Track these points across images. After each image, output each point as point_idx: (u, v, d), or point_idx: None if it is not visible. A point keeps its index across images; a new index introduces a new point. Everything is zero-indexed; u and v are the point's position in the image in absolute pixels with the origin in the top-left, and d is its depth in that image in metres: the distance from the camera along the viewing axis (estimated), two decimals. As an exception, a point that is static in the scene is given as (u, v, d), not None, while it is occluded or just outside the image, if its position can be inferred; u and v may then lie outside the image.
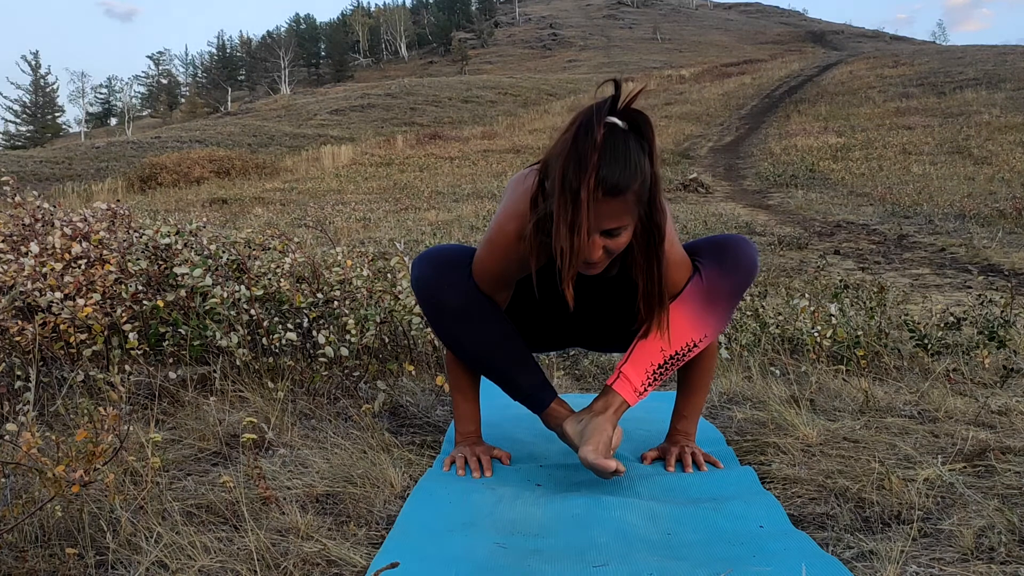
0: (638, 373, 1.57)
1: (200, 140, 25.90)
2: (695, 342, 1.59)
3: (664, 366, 1.58)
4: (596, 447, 1.49)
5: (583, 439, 1.52)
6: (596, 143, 1.28)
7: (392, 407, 2.13)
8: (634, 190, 1.32)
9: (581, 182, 1.28)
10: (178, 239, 2.52)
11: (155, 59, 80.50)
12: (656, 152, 1.36)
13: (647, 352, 1.57)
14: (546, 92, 38.27)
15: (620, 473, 1.47)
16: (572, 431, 1.58)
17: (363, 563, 1.20)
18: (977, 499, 1.37)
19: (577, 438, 1.56)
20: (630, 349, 1.59)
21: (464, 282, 1.60)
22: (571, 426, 1.58)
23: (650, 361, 1.57)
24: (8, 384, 1.87)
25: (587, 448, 1.49)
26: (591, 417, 1.56)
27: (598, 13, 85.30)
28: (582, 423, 1.56)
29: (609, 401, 1.57)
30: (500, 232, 1.53)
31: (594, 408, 1.57)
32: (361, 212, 11.38)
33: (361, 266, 2.80)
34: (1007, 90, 21.85)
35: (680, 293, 1.59)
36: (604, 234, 1.35)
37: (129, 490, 1.36)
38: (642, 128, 1.34)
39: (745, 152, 17.79)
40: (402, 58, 78.65)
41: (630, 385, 1.57)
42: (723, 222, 9.29)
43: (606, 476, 1.49)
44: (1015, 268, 6.25)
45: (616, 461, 1.47)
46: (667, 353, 1.57)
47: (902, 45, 60.31)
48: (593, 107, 1.31)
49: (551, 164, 1.35)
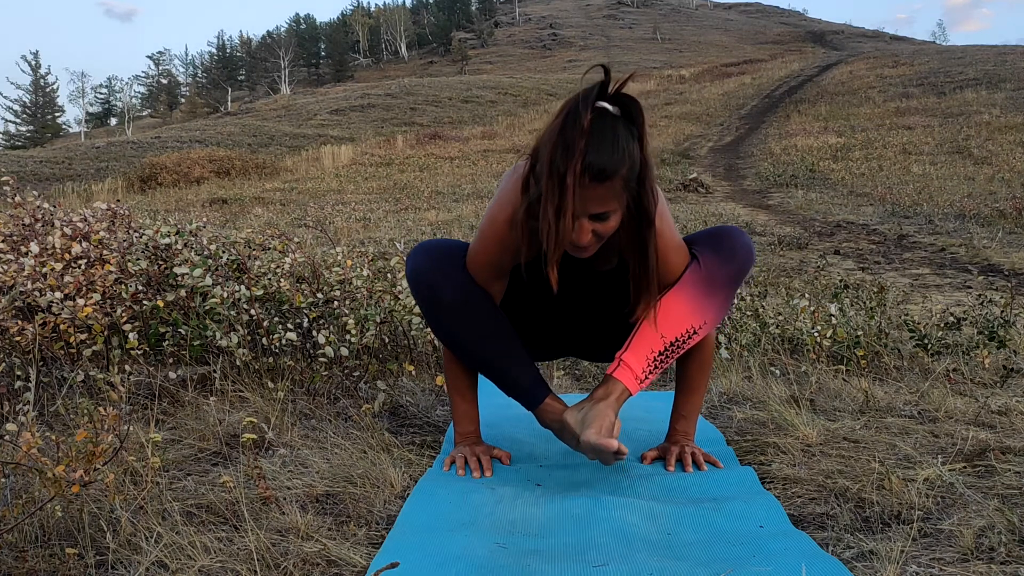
0: (638, 360, 1.55)
1: (200, 140, 25.90)
2: (695, 328, 1.58)
3: (664, 353, 1.56)
4: (599, 430, 1.47)
5: (584, 425, 1.50)
6: (583, 128, 1.28)
7: (392, 407, 2.13)
8: (622, 175, 1.32)
9: (568, 167, 1.29)
10: (178, 239, 2.52)
11: (155, 59, 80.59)
12: (646, 137, 1.36)
13: (647, 339, 1.56)
14: (546, 92, 38.26)
15: (623, 455, 1.44)
16: (573, 420, 1.54)
17: (363, 563, 1.20)
18: (977, 499, 1.37)
19: (578, 426, 1.52)
20: (630, 338, 1.57)
21: (458, 273, 1.60)
22: (572, 416, 1.55)
23: (650, 348, 1.55)
24: (8, 384, 1.87)
25: (590, 431, 1.47)
26: (592, 404, 1.53)
27: (598, 13, 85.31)
28: (583, 411, 1.54)
29: (610, 389, 1.54)
30: (492, 221, 1.54)
31: (595, 396, 1.55)
32: (361, 212, 11.38)
33: (361, 266, 2.80)
34: (1007, 90, 21.86)
35: (679, 279, 1.57)
36: (592, 218, 1.36)
37: (129, 490, 1.36)
38: (632, 113, 1.34)
39: (745, 152, 17.79)
40: (402, 58, 78.65)
41: (631, 372, 1.55)
42: (723, 222, 9.28)
43: (608, 460, 1.47)
44: (1015, 268, 6.25)
45: (619, 443, 1.44)
46: (667, 340, 1.56)
47: (902, 45, 60.30)
48: (581, 93, 1.31)
49: (541, 149, 1.35)
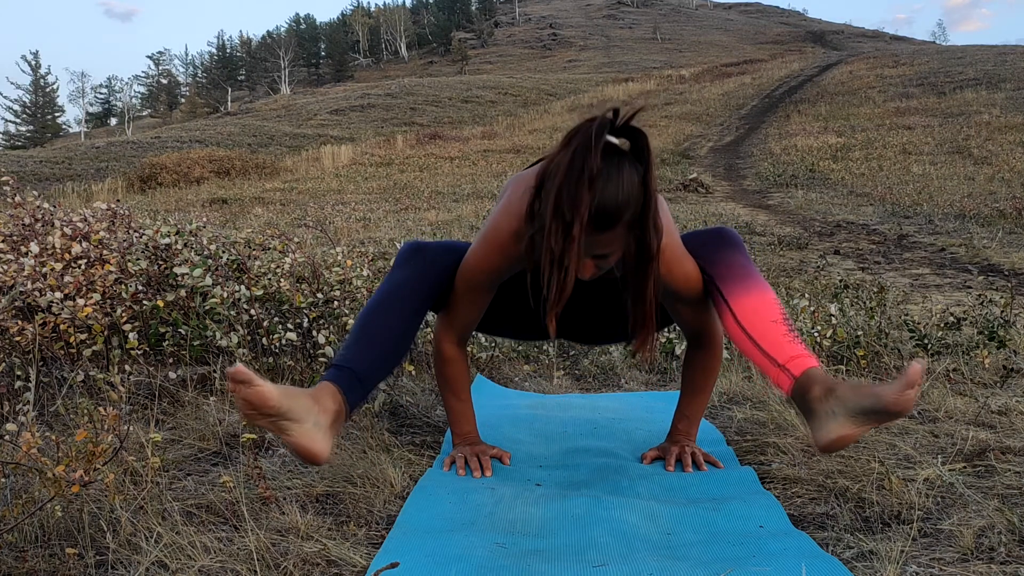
0: (790, 347, 1.42)
1: (200, 140, 25.89)
2: (775, 299, 1.50)
3: (788, 326, 1.45)
4: (883, 388, 1.23)
5: (864, 395, 1.25)
6: (592, 174, 1.24)
7: (392, 407, 2.13)
8: (626, 220, 1.30)
9: (575, 217, 1.25)
10: (178, 239, 2.52)
11: (155, 59, 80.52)
12: (652, 173, 1.31)
13: (773, 334, 1.44)
14: (546, 92, 38.26)
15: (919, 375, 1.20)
16: (828, 415, 1.29)
17: (363, 563, 1.20)
18: (977, 499, 1.37)
19: (853, 404, 1.26)
20: (757, 345, 1.44)
21: (425, 264, 1.59)
22: (828, 417, 1.30)
23: (782, 334, 1.44)
24: (8, 384, 1.87)
25: (886, 389, 1.21)
26: (832, 394, 1.30)
27: (598, 13, 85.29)
28: (828, 406, 1.30)
29: (814, 378, 1.36)
30: (496, 230, 1.52)
31: (815, 396, 1.33)
32: (361, 212, 11.37)
33: (361, 266, 2.80)
34: (1007, 90, 21.84)
35: (741, 278, 1.50)
36: (595, 257, 1.35)
37: (129, 490, 1.36)
38: (640, 148, 1.30)
39: (745, 152, 17.78)
40: (402, 58, 78.62)
41: (802, 355, 1.41)
42: (723, 222, 9.27)
43: (914, 390, 1.19)
44: (1015, 268, 6.25)
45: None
46: (778, 316, 1.46)
47: (902, 45, 60.31)
48: (592, 131, 1.26)
49: (547, 180, 1.31)
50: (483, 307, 1.66)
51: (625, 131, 1.31)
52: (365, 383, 1.44)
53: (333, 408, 1.34)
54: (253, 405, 1.19)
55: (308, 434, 1.25)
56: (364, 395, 1.45)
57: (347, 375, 1.42)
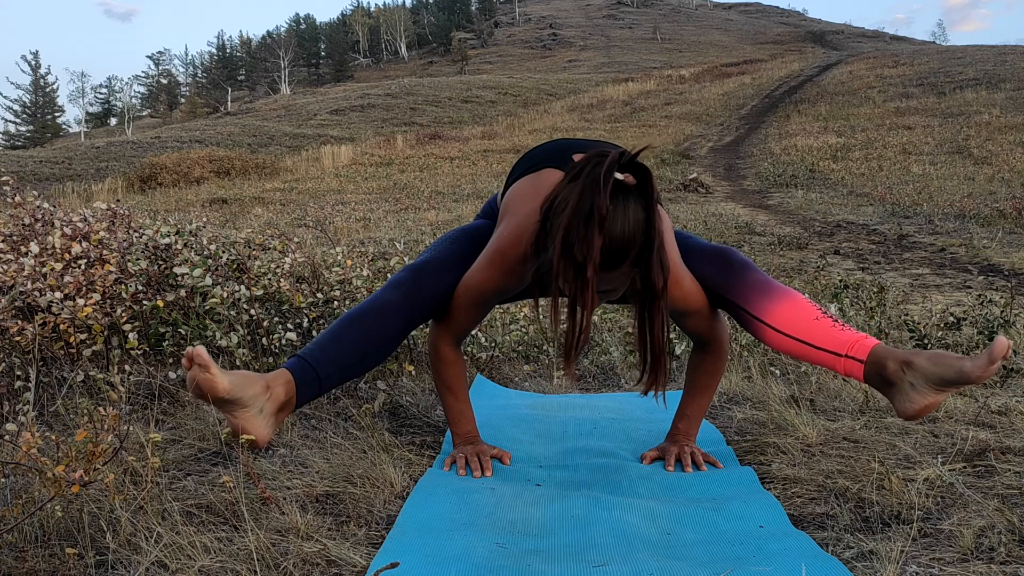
0: (842, 337, 1.43)
1: (200, 140, 25.89)
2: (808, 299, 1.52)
3: (832, 319, 1.47)
4: (966, 362, 1.29)
5: (940, 362, 1.32)
6: (601, 215, 1.24)
7: (392, 407, 2.13)
8: (631, 258, 1.31)
9: (587, 260, 1.25)
10: (178, 239, 2.52)
11: (155, 59, 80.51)
12: (656, 210, 1.30)
13: (818, 329, 1.45)
14: (546, 92, 38.26)
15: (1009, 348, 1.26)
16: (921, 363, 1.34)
17: (363, 563, 1.20)
18: (977, 499, 1.37)
19: (938, 372, 1.32)
20: (812, 345, 1.45)
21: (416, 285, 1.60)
22: (915, 381, 1.34)
23: (830, 326, 1.45)
24: (8, 384, 1.87)
25: (968, 362, 1.29)
26: (912, 360, 1.35)
27: (598, 13, 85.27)
28: (913, 370, 1.35)
29: (885, 354, 1.39)
30: (502, 254, 1.53)
31: (891, 371, 1.37)
32: (361, 212, 11.37)
33: (361, 266, 2.80)
34: (1007, 90, 21.85)
35: (762, 291, 1.52)
36: (602, 292, 1.37)
37: (129, 490, 1.36)
38: (645, 185, 1.30)
39: (745, 152, 17.78)
40: (402, 58, 78.62)
41: (857, 339, 1.42)
42: (723, 222, 9.28)
43: (996, 364, 1.26)
44: (1015, 268, 6.25)
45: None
46: (817, 312, 1.48)
47: (902, 45, 60.29)
48: (601, 172, 1.25)
49: (554, 214, 1.31)
50: (483, 317, 1.69)
51: (630, 166, 1.31)
52: (322, 385, 1.50)
53: (283, 398, 1.42)
54: (201, 390, 1.28)
55: (251, 420, 1.36)
56: (315, 396, 1.51)
57: (309, 374, 1.47)
